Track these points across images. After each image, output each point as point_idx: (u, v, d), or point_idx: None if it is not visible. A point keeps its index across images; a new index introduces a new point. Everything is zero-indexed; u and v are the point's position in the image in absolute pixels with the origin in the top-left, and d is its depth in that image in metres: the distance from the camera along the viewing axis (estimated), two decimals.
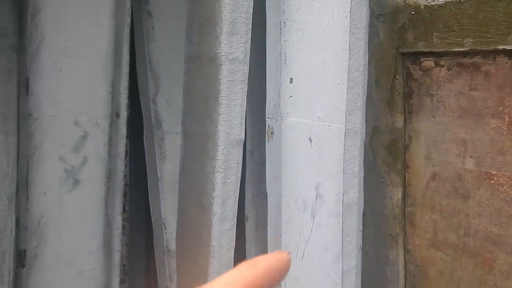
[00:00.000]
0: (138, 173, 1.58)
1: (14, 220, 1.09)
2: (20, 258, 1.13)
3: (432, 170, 1.14)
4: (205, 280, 1.11)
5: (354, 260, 1.06)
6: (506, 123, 1.03)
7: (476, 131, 1.07)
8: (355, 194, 1.06)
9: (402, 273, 1.20)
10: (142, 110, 1.47)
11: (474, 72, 1.07)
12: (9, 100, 1.09)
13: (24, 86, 1.09)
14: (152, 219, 1.52)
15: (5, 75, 1.09)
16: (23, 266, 1.13)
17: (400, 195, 1.19)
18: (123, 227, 1.44)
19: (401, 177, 1.19)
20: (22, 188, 1.11)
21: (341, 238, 1.06)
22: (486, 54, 1.04)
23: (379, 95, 1.21)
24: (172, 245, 1.49)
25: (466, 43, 1.06)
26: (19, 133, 1.11)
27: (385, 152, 1.22)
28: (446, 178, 1.11)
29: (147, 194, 1.55)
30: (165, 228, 1.51)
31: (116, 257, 1.33)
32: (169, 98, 1.46)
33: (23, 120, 1.11)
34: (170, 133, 1.48)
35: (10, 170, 1.08)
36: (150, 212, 1.54)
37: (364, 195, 1.14)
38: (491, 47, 1.03)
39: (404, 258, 1.20)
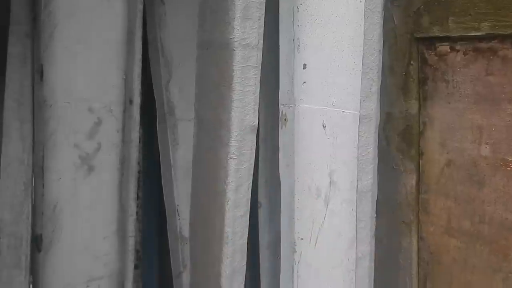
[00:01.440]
0: (151, 160, 1.60)
1: (30, 205, 1.11)
2: (37, 243, 1.15)
3: (446, 157, 1.13)
4: (218, 266, 1.12)
5: (368, 246, 1.07)
6: None
7: (492, 117, 1.06)
8: (369, 180, 1.05)
9: (415, 260, 1.20)
10: (155, 97, 1.48)
11: (491, 57, 1.06)
12: (23, 87, 1.10)
13: (38, 73, 1.10)
14: (166, 206, 1.53)
15: (20, 62, 1.10)
16: (40, 250, 1.15)
17: (414, 182, 1.19)
18: (137, 213, 1.46)
19: (415, 164, 1.19)
20: (38, 174, 1.13)
21: (354, 224, 1.06)
22: (503, 38, 1.03)
23: (392, 81, 1.20)
24: (185, 231, 1.50)
25: (483, 27, 1.05)
26: (34, 120, 1.12)
27: (399, 139, 1.22)
28: (461, 164, 1.11)
29: (160, 180, 1.56)
30: (178, 215, 1.52)
31: (130, 243, 1.35)
32: (182, 85, 1.47)
33: (38, 107, 1.12)
34: (182, 120, 1.49)
35: (26, 157, 1.10)
36: (162, 198, 1.56)
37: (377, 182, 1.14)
38: (509, 31, 1.01)
39: (418, 245, 1.20)
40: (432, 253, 1.18)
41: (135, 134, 1.32)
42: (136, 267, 1.52)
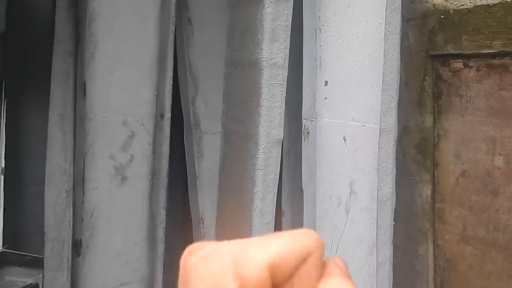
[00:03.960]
0: (176, 171, 1.66)
1: (71, 212, 1.19)
2: (76, 247, 1.22)
3: (461, 168, 1.19)
4: None
5: (388, 252, 1.12)
6: None
7: (506, 129, 1.11)
8: (389, 189, 1.11)
9: (431, 267, 1.25)
10: (183, 111, 1.55)
11: (503, 73, 1.11)
12: (66, 102, 1.19)
13: (81, 89, 1.18)
14: (192, 214, 1.60)
15: (62, 78, 1.19)
16: (79, 255, 1.23)
17: (429, 192, 1.24)
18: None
19: (430, 174, 1.24)
20: (78, 183, 1.21)
21: (375, 231, 1.11)
22: None
23: (408, 96, 1.26)
24: (209, 238, 1.57)
25: (495, 45, 1.11)
26: (75, 132, 1.20)
27: (415, 151, 1.27)
28: (476, 175, 1.16)
29: (183, 190, 1.62)
30: (202, 223, 1.59)
31: (160, 249, 1.41)
32: (207, 100, 1.54)
33: (79, 120, 1.21)
34: (207, 133, 1.56)
35: (68, 167, 1.18)
36: (185, 208, 1.62)
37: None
38: None
39: (434, 252, 1.24)
40: (448, 260, 1.22)
41: (166, 147, 1.39)
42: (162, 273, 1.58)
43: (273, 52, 1.08)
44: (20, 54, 1.68)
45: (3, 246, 1.66)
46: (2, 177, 1.73)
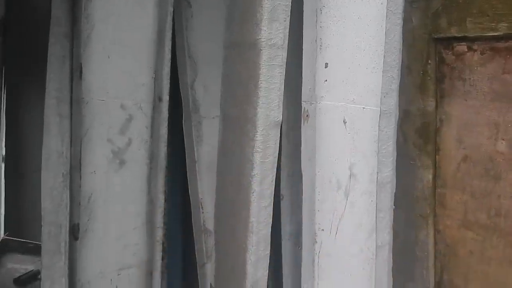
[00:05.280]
0: (176, 155, 1.65)
1: (68, 196, 1.18)
2: (74, 231, 1.22)
3: (463, 153, 1.17)
4: (244, 254, 1.18)
5: (387, 236, 1.11)
6: None
7: (509, 113, 1.09)
8: (389, 172, 1.10)
9: (432, 252, 1.24)
10: (181, 95, 1.54)
11: (508, 56, 1.09)
12: (62, 85, 1.18)
13: (77, 72, 1.17)
14: (191, 199, 1.59)
15: (59, 61, 1.17)
16: (76, 239, 1.23)
17: (430, 177, 1.23)
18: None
19: (432, 159, 1.23)
20: (75, 166, 1.20)
21: (374, 215, 1.10)
22: None
23: (410, 79, 1.24)
24: (209, 224, 1.56)
25: (500, 27, 1.08)
26: (71, 115, 1.19)
27: (416, 135, 1.26)
28: (478, 160, 1.14)
29: (183, 175, 1.62)
30: (202, 208, 1.58)
31: (158, 234, 1.41)
32: (206, 84, 1.53)
33: (75, 103, 1.20)
34: (207, 117, 1.55)
35: (64, 150, 1.17)
36: (185, 192, 1.61)
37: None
38: None
39: (434, 238, 1.23)
40: (449, 245, 1.21)
41: (164, 130, 1.38)
42: (161, 258, 1.58)
43: (272, 32, 1.06)
44: (20, 42, 1.66)
45: (4, 233, 1.67)
46: (3, 165, 1.73)
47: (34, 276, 1.46)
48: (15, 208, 1.74)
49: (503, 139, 1.11)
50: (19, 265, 1.53)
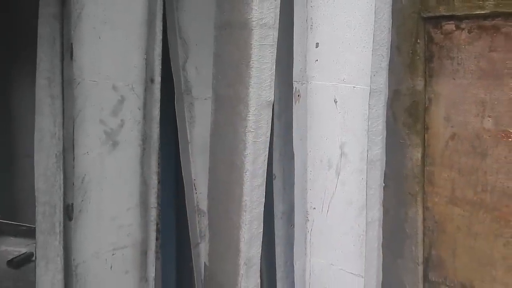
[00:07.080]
0: (169, 136, 1.66)
1: (62, 176, 1.19)
2: (68, 212, 1.23)
3: (451, 131, 1.19)
4: (237, 232, 1.20)
5: (377, 212, 1.13)
6: None
7: (495, 91, 1.11)
8: (379, 150, 1.12)
9: (421, 229, 1.26)
10: (173, 76, 1.54)
11: (495, 34, 1.10)
12: (53, 66, 1.17)
13: (68, 52, 1.17)
14: (184, 180, 1.60)
15: (49, 42, 1.17)
16: (71, 219, 1.24)
17: (419, 155, 1.25)
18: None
19: (421, 138, 1.24)
20: (68, 147, 1.20)
21: (364, 193, 1.12)
22: (507, 16, 1.07)
23: (400, 59, 1.25)
24: (202, 205, 1.58)
25: (487, 5, 1.09)
26: (63, 96, 1.19)
27: (405, 115, 1.27)
28: (465, 137, 1.16)
29: (176, 156, 1.62)
30: (195, 189, 1.59)
31: (152, 214, 1.42)
32: (198, 65, 1.52)
33: (67, 84, 1.19)
34: (199, 98, 1.55)
35: (57, 131, 1.17)
36: (179, 173, 1.63)
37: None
38: None
39: (423, 215, 1.25)
40: (437, 222, 1.24)
41: (156, 111, 1.38)
42: (155, 238, 1.60)
43: (263, 12, 1.07)
44: (10, 26, 1.64)
45: None
46: None
47: (27, 258, 1.47)
48: (9, 192, 1.74)
49: (490, 116, 1.12)
50: (12, 247, 1.54)
